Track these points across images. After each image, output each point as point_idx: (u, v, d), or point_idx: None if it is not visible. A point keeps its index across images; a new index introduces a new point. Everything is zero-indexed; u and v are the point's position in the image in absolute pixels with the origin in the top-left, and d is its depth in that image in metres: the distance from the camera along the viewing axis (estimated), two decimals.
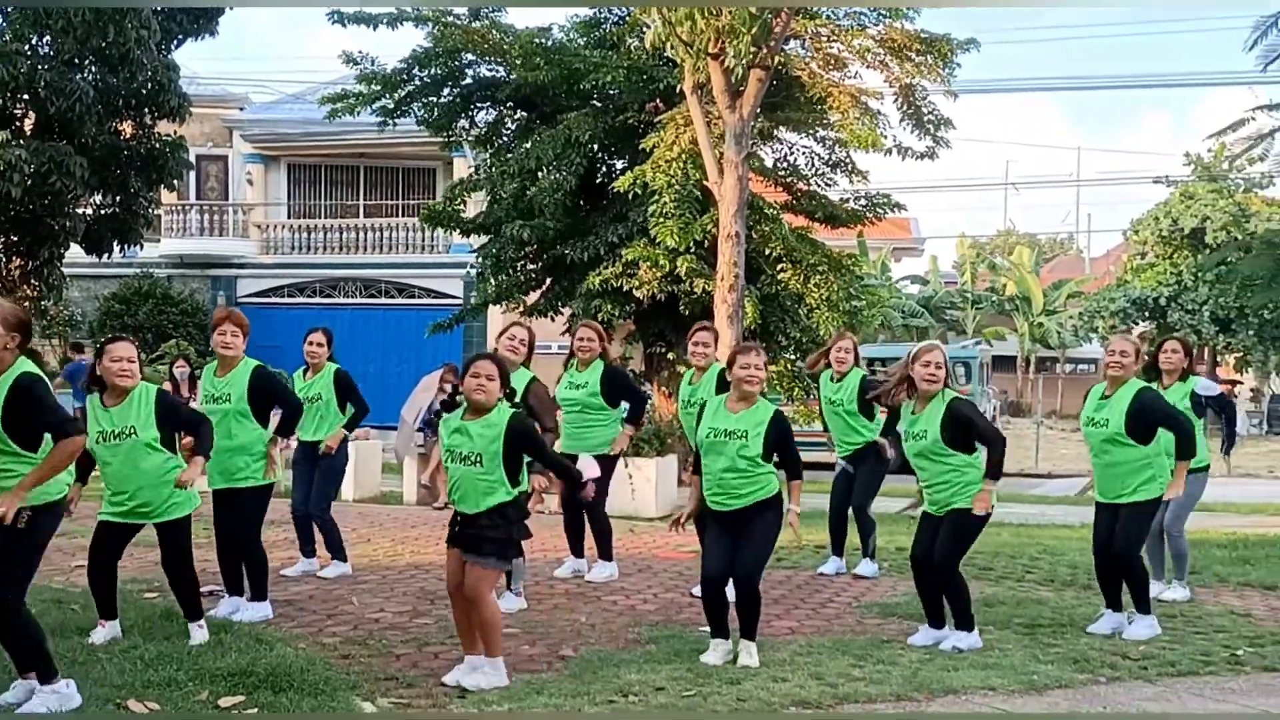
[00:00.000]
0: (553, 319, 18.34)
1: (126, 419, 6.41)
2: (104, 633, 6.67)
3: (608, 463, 9.20)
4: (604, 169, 18.44)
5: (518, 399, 6.35)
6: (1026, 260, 48.61)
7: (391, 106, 18.26)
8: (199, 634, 6.71)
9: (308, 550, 9.16)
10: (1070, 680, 6.41)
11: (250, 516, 7.49)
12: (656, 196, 15.61)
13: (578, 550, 9.29)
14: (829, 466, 10.61)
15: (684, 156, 15.53)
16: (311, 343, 8.97)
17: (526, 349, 8.30)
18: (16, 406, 5.23)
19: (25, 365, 5.34)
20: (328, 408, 8.89)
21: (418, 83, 18.14)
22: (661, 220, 15.52)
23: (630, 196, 16.10)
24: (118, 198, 17.69)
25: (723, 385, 7.91)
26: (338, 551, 9.14)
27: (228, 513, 7.50)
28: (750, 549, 6.65)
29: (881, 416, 8.83)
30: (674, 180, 15.47)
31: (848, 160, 18.13)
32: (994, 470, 6.98)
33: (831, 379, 9.54)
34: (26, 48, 16.11)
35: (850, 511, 9.53)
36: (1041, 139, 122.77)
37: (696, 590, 8.45)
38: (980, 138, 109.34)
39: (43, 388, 5.31)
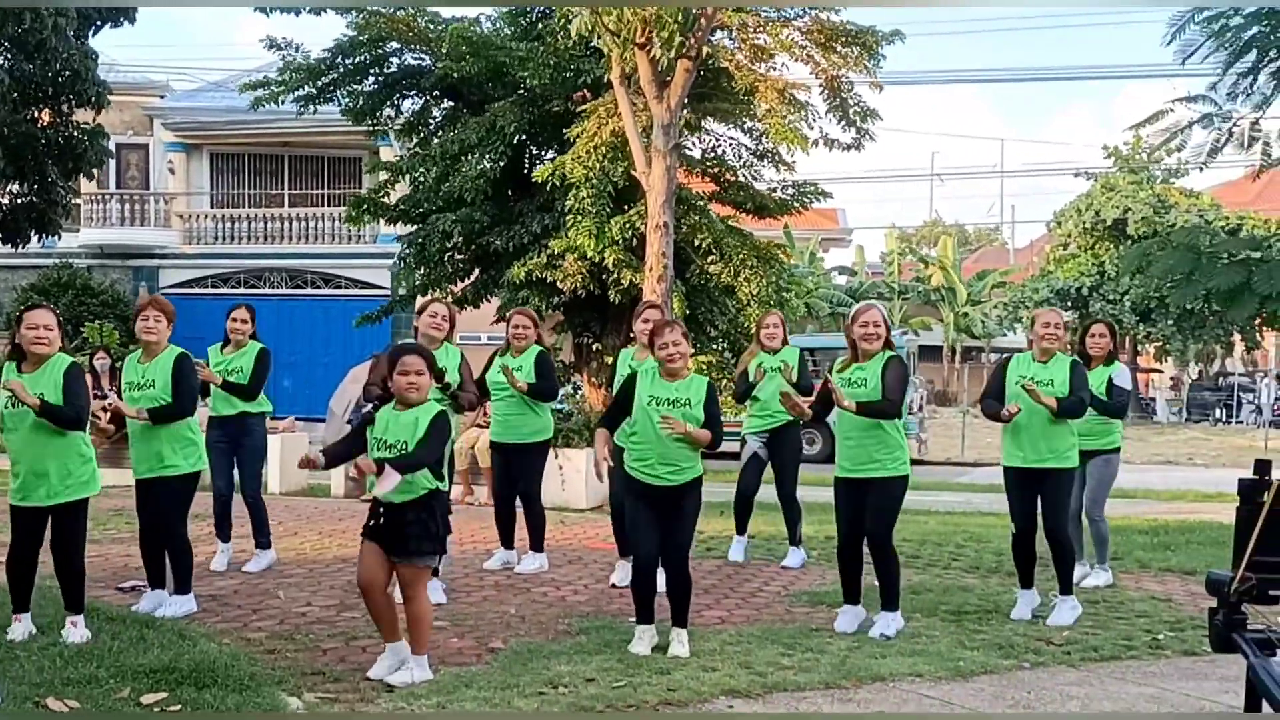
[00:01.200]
0: (478, 308, 18.28)
1: (37, 386, 6.30)
2: (20, 628, 6.53)
3: (540, 453, 9.17)
4: (531, 159, 18.37)
5: (448, 379, 6.30)
6: (951, 251, 49.16)
7: (314, 94, 18.04)
8: (75, 633, 6.49)
9: (226, 535, 8.99)
10: (996, 666, 6.49)
11: (175, 506, 7.33)
12: (575, 190, 15.56)
13: (508, 542, 9.26)
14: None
15: (604, 148, 15.50)
16: (235, 319, 8.81)
17: (449, 325, 8.26)
18: None
19: None
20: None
21: (341, 70, 17.94)
22: (578, 219, 15.48)
23: (557, 187, 16.05)
24: (34, 187, 17.35)
25: None
26: (264, 537, 9.01)
27: (152, 503, 7.34)
28: (684, 530, 6.65)
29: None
30: (592, 174, 15.43)
31: (775, 151, 18.19)
32: (867, 410, 6.98)
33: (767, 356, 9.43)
34: None
35: (778, 499, 9.54)
36: (966, 130, 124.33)
37: (617, 579, 8.47)
38: (906, 128, 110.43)
39: None
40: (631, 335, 8.84)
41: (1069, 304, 38.99)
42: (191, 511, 7.68)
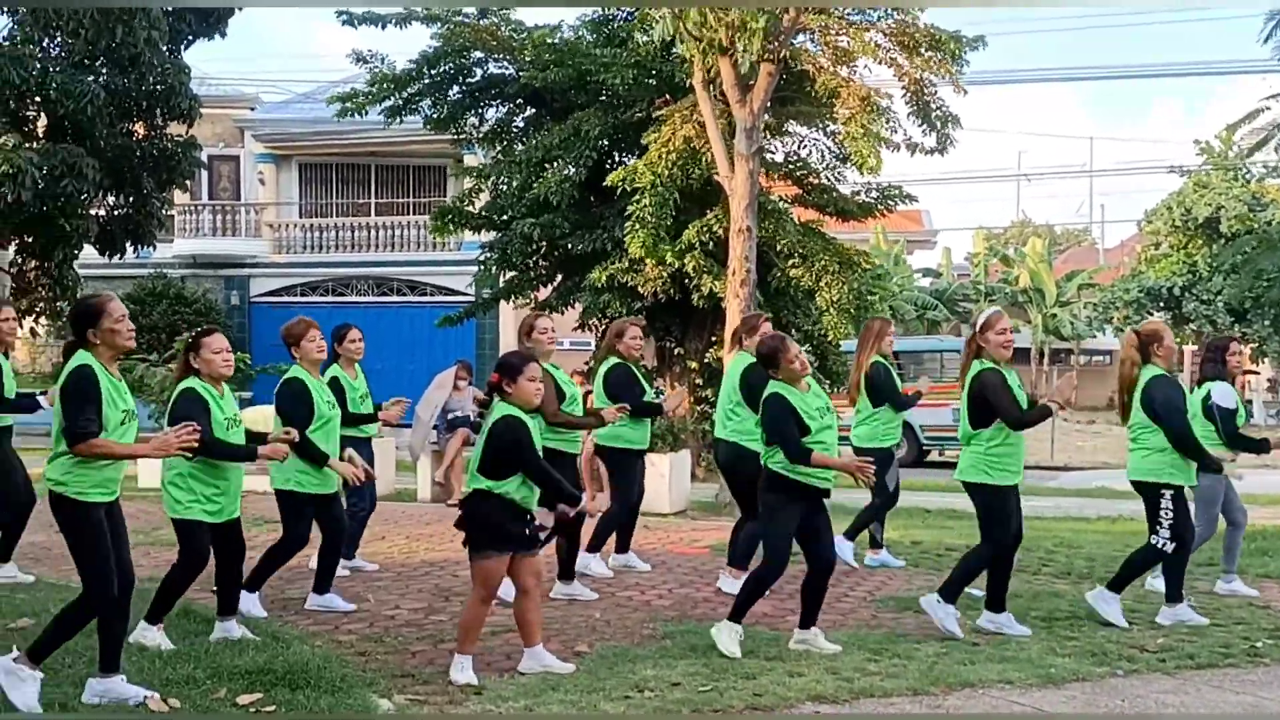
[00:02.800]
0: (563, 313, 18.42)
1: (230, 409, 6.54)
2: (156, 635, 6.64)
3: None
4: (612, 165, 18.47)
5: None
6: (1040, 251, 48.47)
7: (400, 105, 18.30)
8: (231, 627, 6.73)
9: (351, 552, 9.14)
10: (1088, 673, 6.40)
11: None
12: (638, 197, 15.58)
13: (623, 545, 9.27)
14: None
15: (675, 154, 15.52)
16: (355, 340, 8.67)
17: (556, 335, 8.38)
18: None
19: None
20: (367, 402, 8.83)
21: (427, 81, 18.18)
22: (635, 227, 15.51)
23: (633, 193, 16.13)
24: (130, 199, 17.73)
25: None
26: (350, 550, 9.15)
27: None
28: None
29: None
30: (660, 180, 15.43)
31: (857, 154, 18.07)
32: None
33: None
34: (37, 50, 16.15)
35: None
36: (1054, 129, 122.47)
37: (722, 585, 8.44)
38: (993, 129, 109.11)
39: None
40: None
41: (1160, 304, 38.28)
42: (259, 517, 7.83)
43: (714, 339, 17.13)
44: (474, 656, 6.20)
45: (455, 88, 18.60)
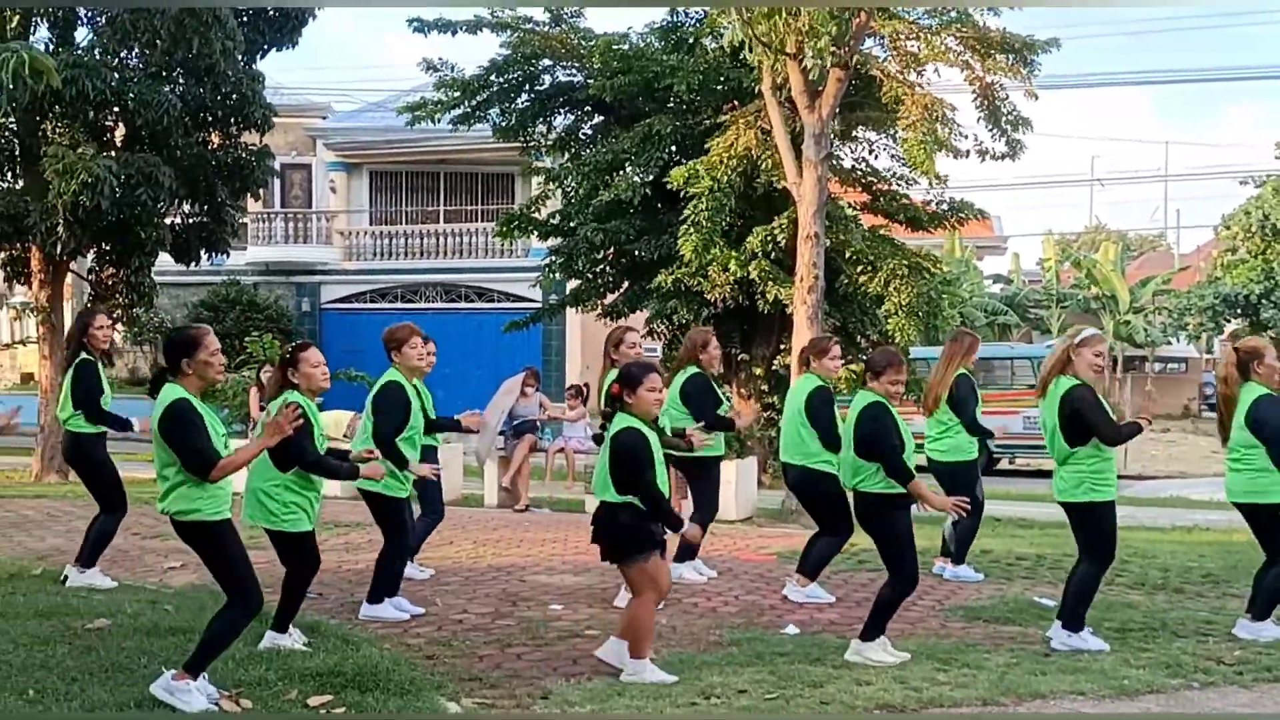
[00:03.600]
0: (627, 319, 18.44)
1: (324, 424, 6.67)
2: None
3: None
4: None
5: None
6: (1113, 257, 47.77)
7: (469, 112, 18.45)
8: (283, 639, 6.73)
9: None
10: (1163, 685, 6.30)
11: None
12: (695, 201, 15.58)
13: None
14: None
15: (735, 159, 15.49)
16: (431, 352, 8.84)
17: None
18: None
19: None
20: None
21: (495, 88, 18.31)
22: (689, 230, 15.50)
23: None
24: (205, 207, 18.00)
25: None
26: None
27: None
28: None
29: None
30: (718, 185, 15.41)
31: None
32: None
33: None
34: (115, 61, 16.46)
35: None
36: (1128, 133, 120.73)
37: (788, 593, 8.42)
38: (1065, 133, 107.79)
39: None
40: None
41: (1237, 311, 37.58)
42: (328, 519, 7.92)
43: (781, 346, 17.07)
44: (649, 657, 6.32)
45: (523, 95, 18.71)
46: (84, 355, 8.51)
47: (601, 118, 18.93)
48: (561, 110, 19.07)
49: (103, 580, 8.39)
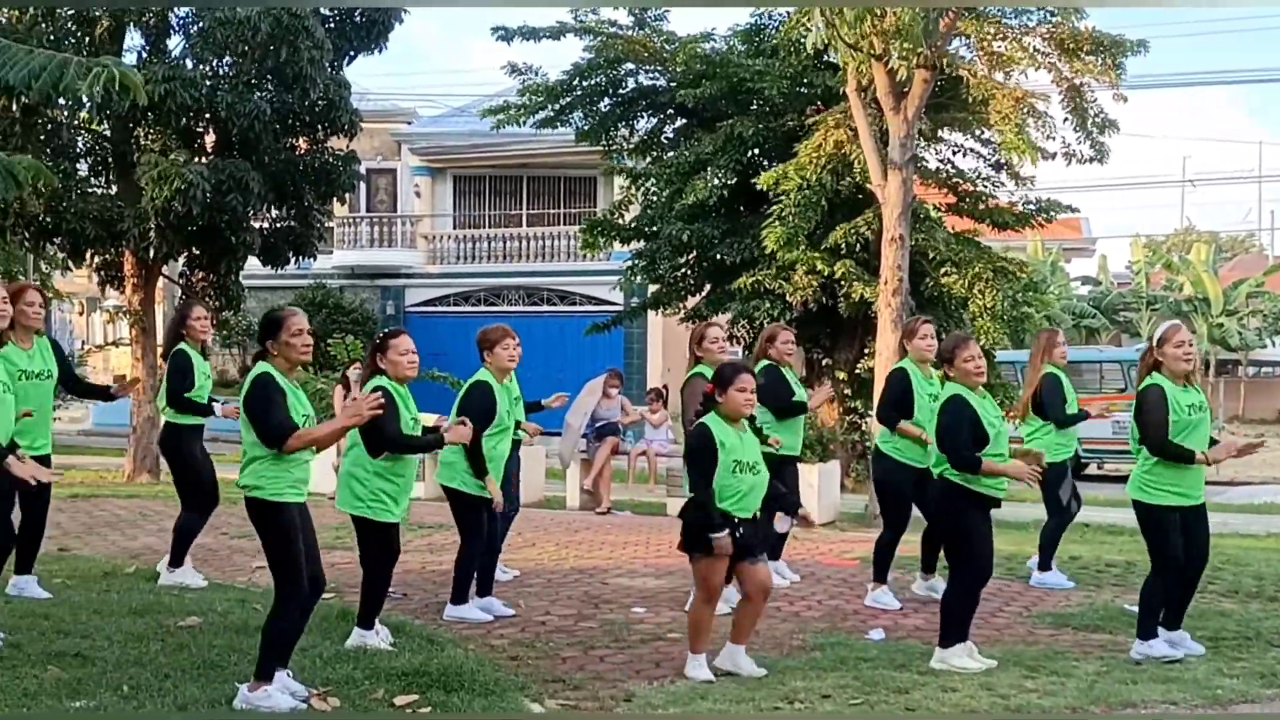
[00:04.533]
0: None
1: (413, 409, 6.69)
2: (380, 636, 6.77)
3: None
4: (763, 173, 18.43)
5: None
6: (1205, 258, 46.80)
7: (552, 116, 18.56)
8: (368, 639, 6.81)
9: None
10: (1256, 695, 6.16)
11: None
12: (784, 198, 15.57)
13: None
14: None
15: (824, 159, 15.43)
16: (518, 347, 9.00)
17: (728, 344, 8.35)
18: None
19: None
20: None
21: (579, 92, 18.40)
22: (773, 223, 15.48)
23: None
24: (293, 211, 18.27)
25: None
26: None
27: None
28: None
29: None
30: (808, 183, 15.38)
31: (1010, 163, 17.77)
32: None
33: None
34: (206, 69, 16.78)
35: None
36: (1220, 133, 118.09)
37: (868, 600, 8.35)
38: (1155, 134, 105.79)
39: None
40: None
41: None
42: (422, 521, 7.98)
43: (864, 349, 16.95)
44: (705, 654, 6.38)
45: (606, 99, 18.77)
46: (181, 345, 8.63)
47: (684, 121, 18.93)
48: (644, 113, 19.10)
49: (194, 579, 8.53)
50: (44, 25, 16.21)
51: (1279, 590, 9.16)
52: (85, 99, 8.78)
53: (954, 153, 18.09)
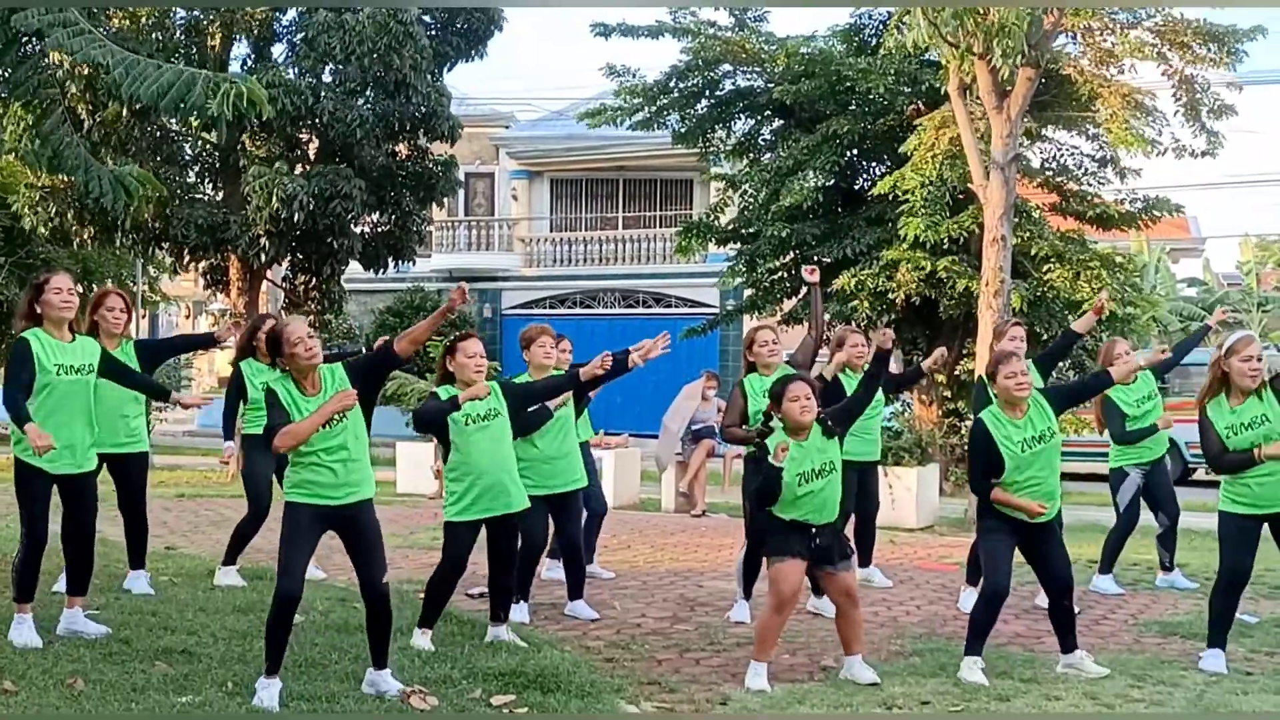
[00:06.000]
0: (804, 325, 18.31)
1: (484, 409, 6.67)
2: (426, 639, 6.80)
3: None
4: (862, 172, 18.30)
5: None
6: None
7: (649, 118, 18.58)
8: (501, 632, 6.90)
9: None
10: None
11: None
12: (909, 196, 15.44)
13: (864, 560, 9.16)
14: (1101, 477, 10.21)
15: (940, 158, 15.27)
16: (566, 350, 8.94)
17: (780, 347, 8.19)
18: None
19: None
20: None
21: (676, 94, 18.40)
22: (909, 218, 15.36)
23: (890, 199, 15.98)
24: (393, 216, 18.55)
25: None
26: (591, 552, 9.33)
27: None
28: (1065, 556, 6.64)
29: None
30: (927, 180, 15.26)
31: (1117, 159, 17.43)
32: None
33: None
34: (310, 78, 17.09)
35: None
36: None
37: (960, 604, 8.24)
38: (1265, 130, 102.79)
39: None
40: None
41: None
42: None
43: (964, 351, 16.73)
44: (768, 664, 6.29)
45: (703, 101, 18.76)
46: (248, 360, 8.65)
47: (781, 122, 18.85)
48: (740, 115, 19.05)
49: (315, 572, 8.68)
50: (156, 36, 16.62)
51: None
52: (214, 114, 8.89)
53: (1059, 151, 17.79)
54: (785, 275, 18.73)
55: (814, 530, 6.21)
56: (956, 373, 16.84)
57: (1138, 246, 38.99)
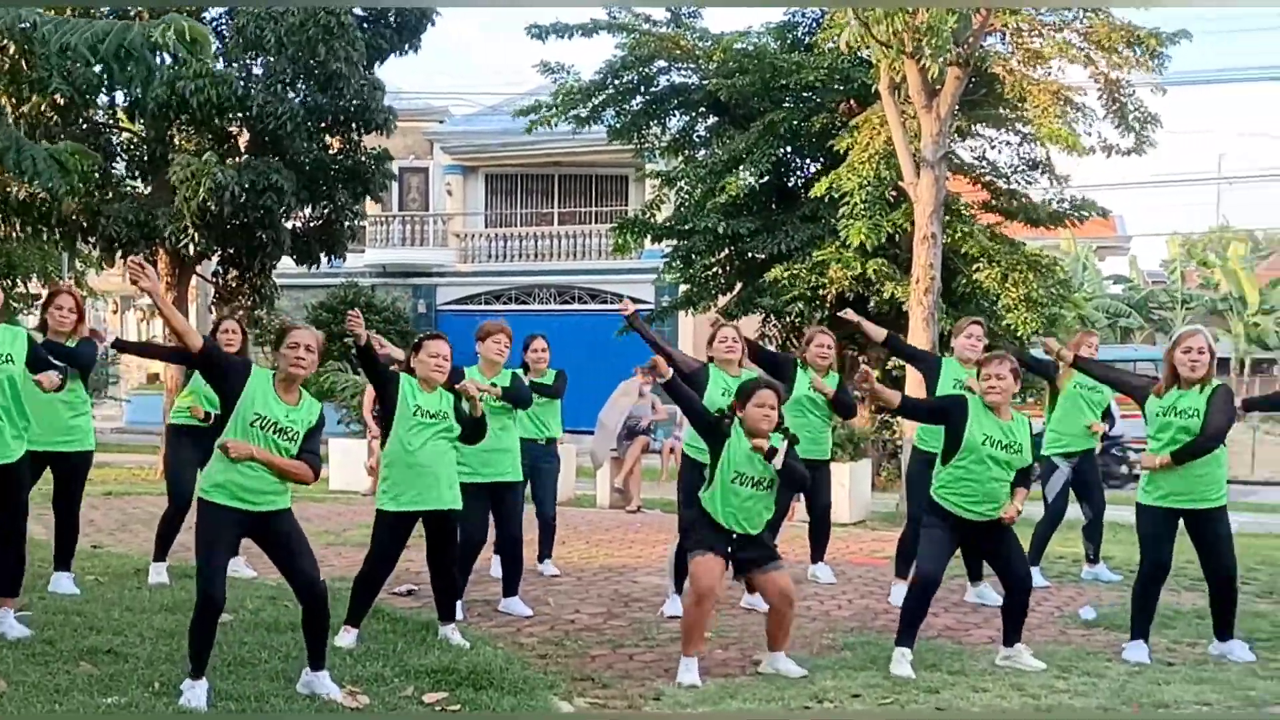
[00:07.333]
0: (739, 320, 18.40)
1: (441, 405, 6.70)
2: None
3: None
4: (795, 168, 18.42)
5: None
6: (1241, 256, 46.38)
7: (585, 115, 18.57)
8: (454, 637, 6.85)
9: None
10: None
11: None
12: (847, 198, 15.53)
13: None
14: None
15: (876, 158, 15.39)
16: (537, 349, 9.06)
17: (741, 344, 8.19)
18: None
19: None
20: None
21: (611, 90, 18.40)
22: (850, 221, 15.45)
23: (824, 199, 16.09)
24: (325, 210, 18.36)
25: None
26: (549, 551, 9.36)
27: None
28: (1023, 554, 6.78)
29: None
30: (865, 181, 15.36)
31: (1047, 160, 17.69)
32: (1183, 456, 6.72)
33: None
34: (240, 69, 16.88)
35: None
36: (1258, 130, 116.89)
37: (895, 598, 8.31)
38: (1190, 130, 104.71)
39: None
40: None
41: None
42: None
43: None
44: (697, 657, 6.32)
45: (638, 97, 18.78)
46: None
47: (716, 118, 18.92)
48: (676, 111, 19.11)
49: (245, 570, 8.60)
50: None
51: None
52: (154, 60, 8.60)
53: (988, 148, 18.04)
54: (720, 271, 18.81)
55: (734, 537, 6.30)
56: (889, 369, 17.00)
57: (1066, 246, 39.62)
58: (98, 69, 9.08)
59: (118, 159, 17.92)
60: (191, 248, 16.43)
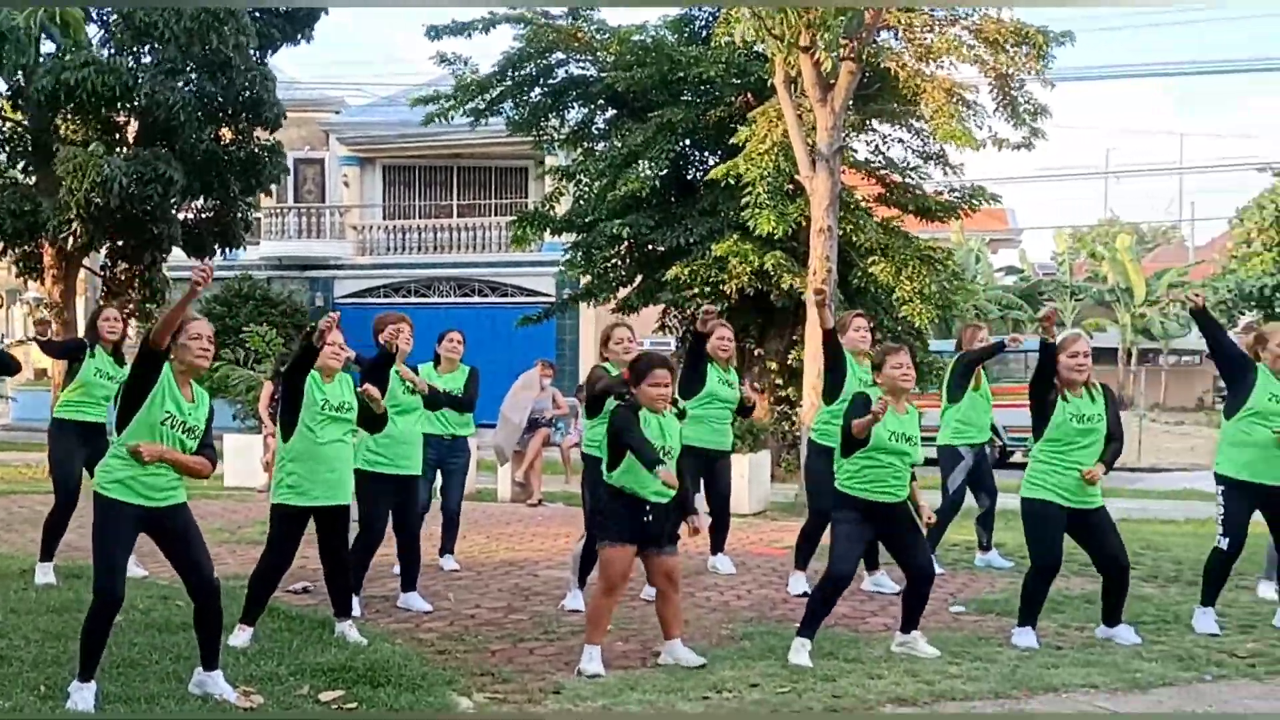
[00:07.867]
0: (639, 313, 18.48)
1: (344, 395, 6.68)
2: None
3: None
4: (694, 162, 18.49)
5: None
6: (1128, 248, 47.59)
7: (483, 108, 18.46)
8: (351, 633, 6.76)
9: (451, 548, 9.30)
10: (1175, 678, 6.28)
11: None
12: (750, 188, 15.63)
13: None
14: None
15: (775, 150, 15.50)
16: (453, 340, 8.95)
17: (635, 344, 8.23)
18: None
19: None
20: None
21: (509, 83, 18.31)
22: (756, 211, 15.52)
23: (721, 189, 16.16)
24: (218, 202, 18.07)
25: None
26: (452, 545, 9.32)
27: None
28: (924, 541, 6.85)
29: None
30: (766, 172, 15.47)
31: (942, 153, 17.96)
32: (1111, 464, 6.95)
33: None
34: (128, 58, 16.51)
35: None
36: (1144, 126, 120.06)
37: (794, 589, 8.40)
38: (1079, 125, 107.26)
39: None
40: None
41: (1252, 304, 37.41)
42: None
43: (795, 339, 17.06)
44: (600, 647, 6.32)
45: (537, 89, 18.72)
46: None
47: (614, 111, 18.93)
48: (574, 104, 19.07)
49: (135, 569, 8.41)
50: None
51: (1197, 575, 9.29)
52: (27, 42, 8.42)
53: (884, 142, 18.25)
54: (620, 264, 18.83)
55: (647, 506, 6.27)
56: (789, 361, 17.18)
57: (958, 238, 40.31)
58: None
59: (0, 149, 17.45)
60: (73, 240, 16.05)
